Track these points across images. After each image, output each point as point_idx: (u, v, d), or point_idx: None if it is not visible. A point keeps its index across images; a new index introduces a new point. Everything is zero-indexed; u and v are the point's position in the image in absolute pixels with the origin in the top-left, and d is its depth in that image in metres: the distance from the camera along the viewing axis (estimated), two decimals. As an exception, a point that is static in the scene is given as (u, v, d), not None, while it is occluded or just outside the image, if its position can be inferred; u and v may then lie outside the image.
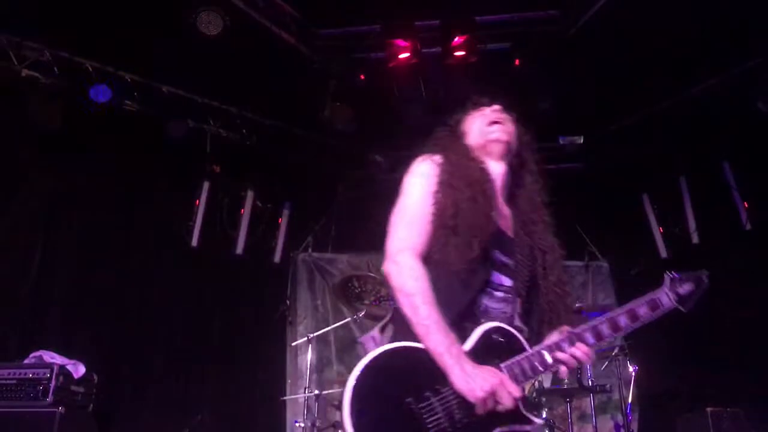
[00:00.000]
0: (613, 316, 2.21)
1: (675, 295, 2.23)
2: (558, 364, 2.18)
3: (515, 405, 2.08)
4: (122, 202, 7.19)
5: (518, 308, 2.34)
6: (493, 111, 2.62)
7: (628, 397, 5.58)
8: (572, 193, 8.07)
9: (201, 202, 7.81)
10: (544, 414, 5.33)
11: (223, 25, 6.11)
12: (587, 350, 2.19)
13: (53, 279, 6.54)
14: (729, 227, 7.37)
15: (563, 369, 2.21)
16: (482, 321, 2.22)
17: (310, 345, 6.84)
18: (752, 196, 7.26)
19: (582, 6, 6.58)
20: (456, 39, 6.70)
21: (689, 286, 2.25)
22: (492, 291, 2.28)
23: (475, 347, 2.15)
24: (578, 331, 2.21)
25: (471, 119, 2.66)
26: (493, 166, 2.52)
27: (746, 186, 7.33)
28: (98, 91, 6.62)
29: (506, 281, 2.33)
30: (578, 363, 2.19)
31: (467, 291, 2.23)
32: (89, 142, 6.88)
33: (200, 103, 7.62)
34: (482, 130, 2.58)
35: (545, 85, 7.16)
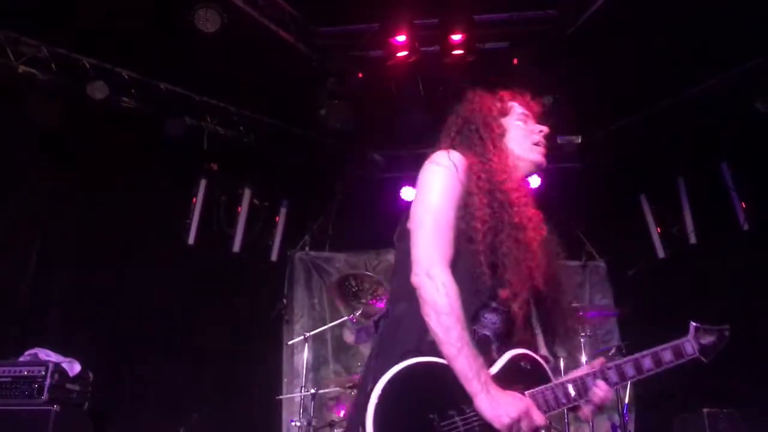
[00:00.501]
0: (638, 358, 2.29)
1: (698, 345, 2.34)
2: (582, 401, 2.20)
3: None
4: (119, 200, 7.16)
5: (508, 321, 2.30)
6: (542, 132, 2.58)
7: (625, 398, 5.58)
8: (570, 193, 8.07)
9: (198, 200, 7.79)
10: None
11: (221, 23, 6.09)
12: (607, 389, 2.22)
13: (51, 277, 6.52)
14: (727, 228, 7.35)
15: (586, 410, 2.23)
16: (473, 328, 2.19)
17: (307, 344, 6.82)
18: (751, 197, 7.24)
19: (580, 6, 6.58)
20: (454, 38, 6.70)
21: (711, 338, 2.35)
22: (489, 301, 2.26)
23: (502, 372, 2.15)
24: (603, 369, 2.25)
25: (517, 119, 2.57)
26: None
27: (744, 186, 7.31)
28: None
29: (502, 293, 2.30)
30: (599, 402, 2.21)
31: (473, 302, 2.20)
32: (86, 140, 6.86)
33: (198, 101, 7.60)
34: (527, 147, 2.53)
35: (543, 85, 7.15)
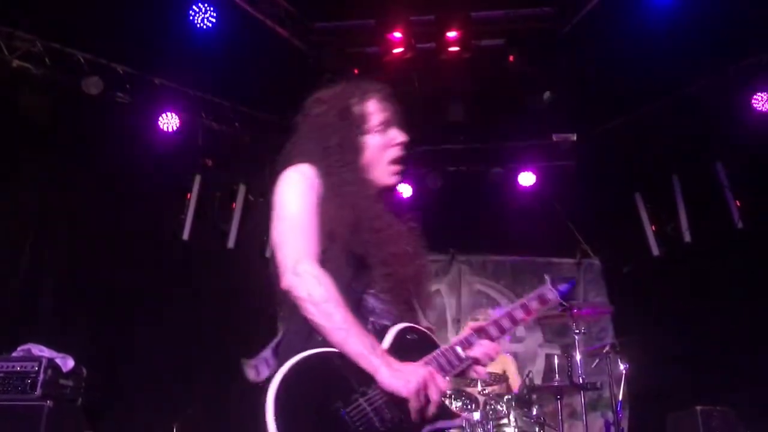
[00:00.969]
0: (510, 311, 2.42)
1: (557, 291, 2.55)
2: (471, 359, 2.27)
3: (441, 399, 2.11)
4: (114, 195, 7.13)
5: (405, 308, 2.35)
6: (400, 145, 2.51)
7: (619, 395, 5.57)
8: (565, 191, 8.08)
9: (192, 196, 7.77)
10: (534, 411, 5.32)
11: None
12: (489, 343, 2.31)
13: (44, 272, 6.51)
14: (721, 226, 7.38)
15: (480, 369, 2.33)
16: (371, 320, 2.24)
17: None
18: (745, 196, 7.27)
19: (576, 4, 6.59)
20: (450, 34, 6.70)
21: (567, 285, 2.63)
22: (376, 293, 2.28)
23: (392, 346, 2.17)
24: (483, 326, 2.35)
25: (375, 131, 2.49)
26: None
27: (739, 185, 7.34)
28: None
29: (387, 284, 2.33)
30: (486, 357, 2.29)
31: (352, 293, 2.22)
32: (80, 134, 6.83)
33: (193, 96, 7.57)
34: (381, 163, 2.47)
35: (539, 82, 7.16)
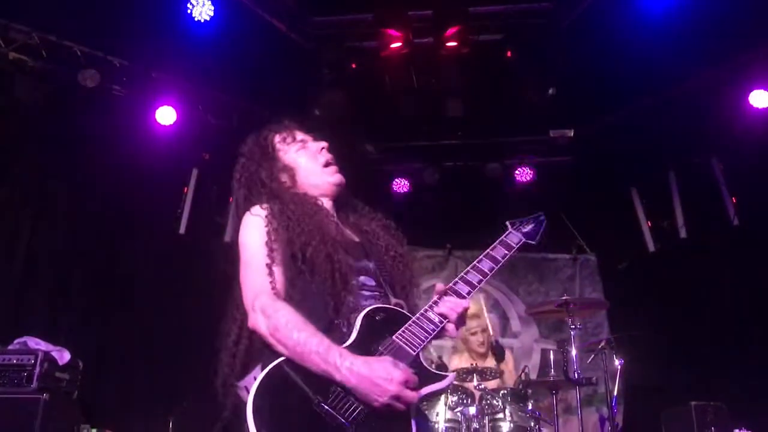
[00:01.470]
0: (477, 264, 2.41)
1: (522, 234, 2.57)
2: (443, 319, 2.25)
3: (416, 373, 2.08)
4: (110, 188, 7.12)
5: (390, 303, 2.36)
6: (324, 149, 2.64)
7: (614, 390, 5.59)
8: (561, 186, 8.09)
9: (189, 189, 7.75)
10: (530, 406, 5.34)
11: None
12: (457, 299, 2.29)
13: (40, 265, 6.47)
14: (717, 222, 7.40)
15: (450, 326, 2.28)
16: (353, 317, 2.22)
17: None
18: (741, 192, 7.29)
19: (575, -1, 6.60)
20: (448, 29, 6.69)
21: (531, 225, 2.62)
22: (358, 291, 2.29)
23: (362, 333, 2.15)
24: (450, 285, 2.34)
25: (291, 152, 2.62)
26: (325, 202, 2.55)
27: (735, 181, 7.36)
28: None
29: (369, 281, 2.36)
30: (459, 312, 2.27)
31: (333, 295, 2.22)
32: (77, 127, 6.81)
33: (190, 89, 7.54)
34: (317, 171, 2.58)
35: (537, 78, 7.16)
